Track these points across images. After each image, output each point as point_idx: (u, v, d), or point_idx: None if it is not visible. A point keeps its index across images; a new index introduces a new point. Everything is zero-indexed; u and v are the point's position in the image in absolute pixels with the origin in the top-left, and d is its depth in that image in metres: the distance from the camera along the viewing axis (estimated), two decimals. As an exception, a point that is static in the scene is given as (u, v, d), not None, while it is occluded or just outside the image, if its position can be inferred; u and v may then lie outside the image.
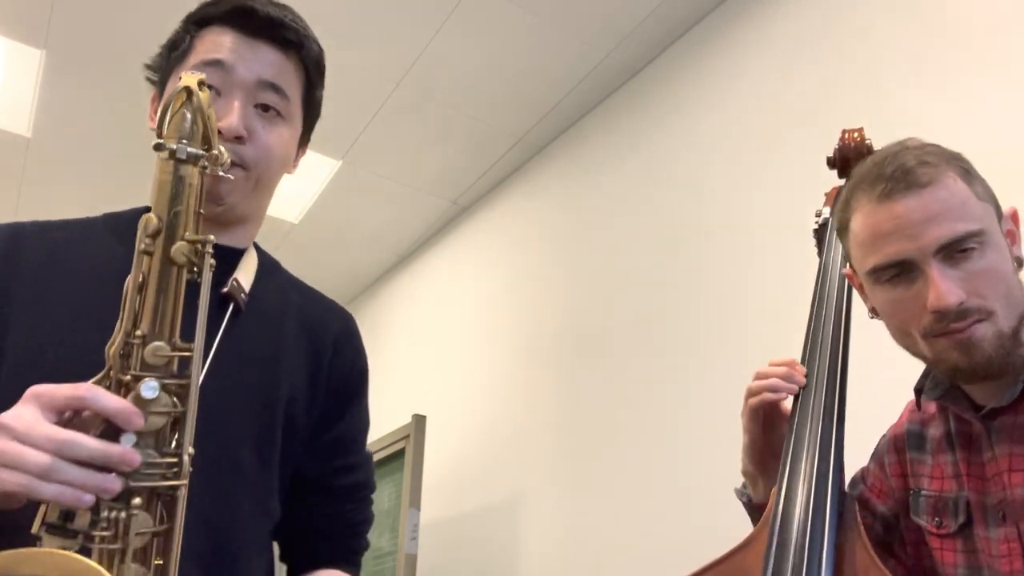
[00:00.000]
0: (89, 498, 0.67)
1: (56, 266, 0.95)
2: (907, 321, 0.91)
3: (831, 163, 1.19)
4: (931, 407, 1.02)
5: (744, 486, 1.10)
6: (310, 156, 3.21)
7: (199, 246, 0.75)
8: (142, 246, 0.74)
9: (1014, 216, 0.96)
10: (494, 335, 3.03)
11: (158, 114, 0.78)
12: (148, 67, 1.06)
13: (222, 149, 0.82)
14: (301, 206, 3.43)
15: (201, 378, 0.78)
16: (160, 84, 1.04)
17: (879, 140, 1.28)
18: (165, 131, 0.76)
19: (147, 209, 0.76)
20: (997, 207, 0.94)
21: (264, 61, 0.99)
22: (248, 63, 0.98)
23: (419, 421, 2.80)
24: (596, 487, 2.35)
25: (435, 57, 2.65)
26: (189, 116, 0.76)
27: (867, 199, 0.92)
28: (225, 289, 0.96)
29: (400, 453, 2.83)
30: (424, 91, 2.80)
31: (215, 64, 0.96)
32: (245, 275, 1.00)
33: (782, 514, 0.96)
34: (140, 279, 0.74)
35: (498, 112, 2.89)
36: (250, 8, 1.00)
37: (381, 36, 2.58)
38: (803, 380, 1.04)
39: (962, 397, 0.95)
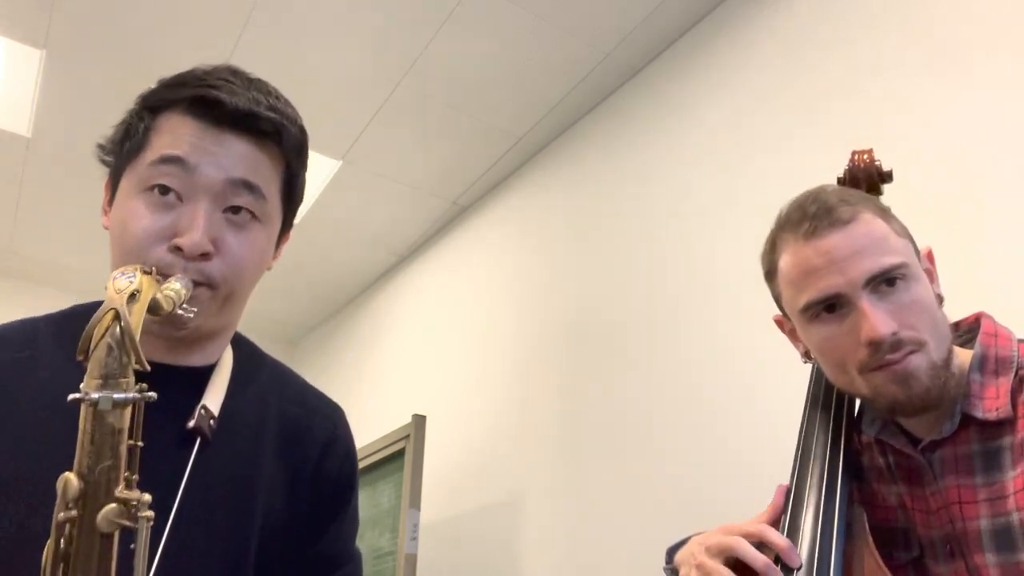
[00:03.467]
0: None
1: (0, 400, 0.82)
2: (843, 357, 0.91)
3: (841, 183, 1.19)
4: (865, 438, 1.02)
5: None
6: (310, 156, 3.22)
7: (133, 507, 0.61)
8: (61, 515, 0.60)
9: (929, 255, 0.99)
10: (494, 335, 3.03)
11: (80, 339, 0.64)
12: (100, 147, 0.91)
13: (176, 288, 0.73)
14: (301, 206, 3.43)
15: (163, 539, 0.74)
16: (114, 174, 0.90)
17: (882, 142, 1.28)
18: (88, 365, 0.63)
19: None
20: (915, 245, 0.96)
21: (234, 156, 0.84)
22: (215, 160, 0.83)
23: (419, 421, 2.80)
24: (596, 487, 2.34)
25: (435, 57, 2.64)
26: (115, 348, 0.62)
27: (793, 238, 0.94)
28: (191, 423, 0.85)
29: (400, 453, 2.83)
30: (424, 91, 2.80)
31: (174, 161, 0.83)
32: (214, 397, 0.89)
33: (790, 524, 0.96)
34: (61, 551, 0.61)
35: (498, 112, 2.89)
36: (215, 99, 0.84)
37: (382, 36, 2.58)
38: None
39: (899, 432, 0.96)
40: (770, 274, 1.00)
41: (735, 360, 2.02)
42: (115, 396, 0.62)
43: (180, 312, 0.74)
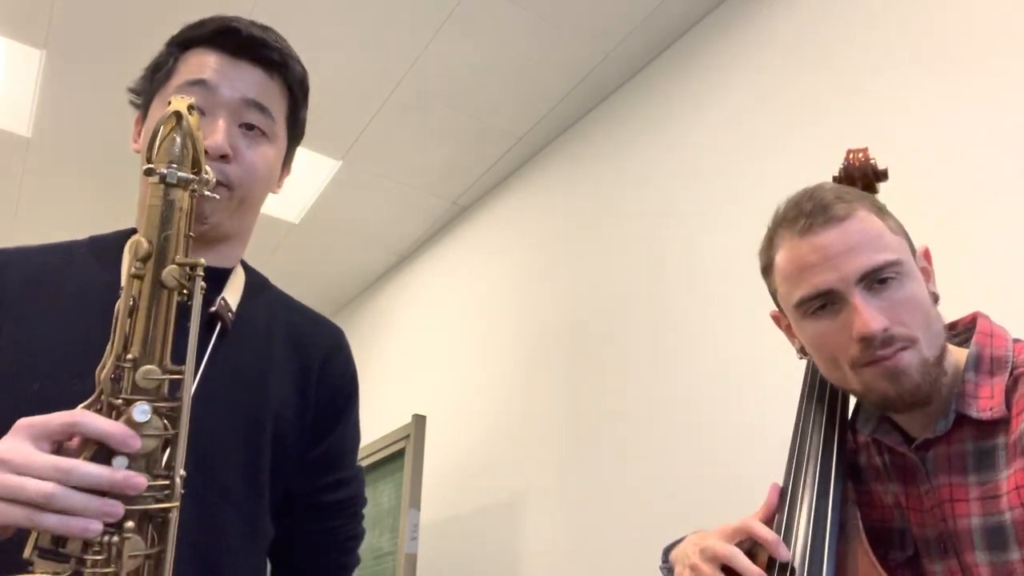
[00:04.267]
0: (97, 526, 0.65)
1: (38, 293, 0.94)
2: (835, 353, 0.92)
3: (836, 182, 1.19)
4: (861, 437, 1.03)
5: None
6: (310, 156, 3.22)
7: (189, 269, 0.75)
8: (132, 269, 0.73)
9: (926, 254, 0.99)
10: (494, 335, 3.03)
11: (147, 137, 0.77)
12: (131, 90, 1.06)
13: (209, 170, 0.82)
14: (301, 206, 3.43)
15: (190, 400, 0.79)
16: (143, 106, 1.04)
17: (880, 143, 1.28)
18: (155, 155, 0.75)
19: (131, 232, 0.77)
20: (911, 244, 0.96)
21: (248, 80, 1.00)
22: (232, 82, 0.98)
23: (419, 421, 2.80)
24: (596, 487, 2.34)
25: (435, 57, 2.64)
26: (179, 140, 0.76)
27: (789, 235, 0.95)
28: (212, 309, 0.95)
29: (400, 453, 2.83)
30: (424, 91, 2.80)
31: (199, 84, 0.97)
32: (232, 295, 1.00)
33: (785, 523, 0.96)
34: (131, 303, 0.73)
35: (498, 112, 2.89)
36: (233, 28, 1.00)
37: (381, 36, 2.58)
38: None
39: (894, 430, 0.96)
40: (767, 270, 1.01)
41: (735, 360, 2.02)
42: (179, 173, 0.75)
43: (207, 193, 0.82)
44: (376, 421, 3.40)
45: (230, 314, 0.97)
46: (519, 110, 2.87)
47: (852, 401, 1.05)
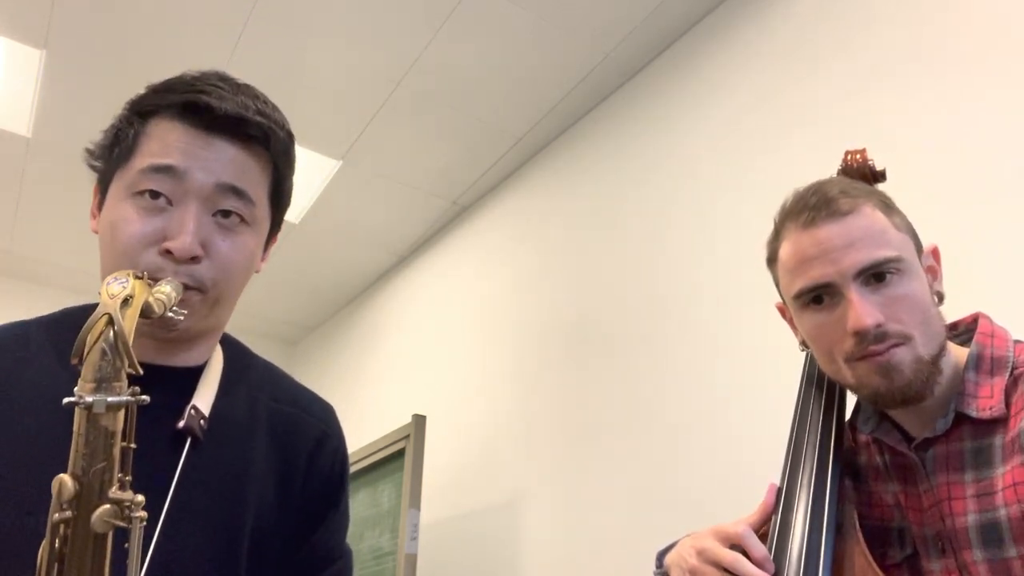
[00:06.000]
0: None
1: None
2: (831, 346, 0.93)
3: None
4: (863, 437, 1.03)
5: None
6: (310, 156, 3.22)
7: (126, 507, 0.63)
8: (56, 516, 0.62)
9: (934, 252, 1.00)
10: (494, 335, 3.03)
11: (75, 344, 0.65)
12: (89, 152, 0.92)
13: (167, 291, 0.74)
14: (301, 206, 3.43)
15: (155, 538, 0.75)
16: (102, 180, 0.90)
17: (880, 143, 1.28)
18: (82, 368, 0.64)
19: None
20: (917, 241, 0.97)
21: (223, 160, 0.86)
22: (204, 164, 0.85)
23: (419, 421, 2.80)
24: (596, 487, 2.35)
25: (435, 57, 2.65)
26: (108, 353, 0.64)
27: (793, 227, 0.96)
28: (181, 423, 0.86)
29: (400, 453, 2.83)
30: (424, 91, 2.80)
31: (165, 171, 0.84)
32: (205, 397, 0.90)
33: (781, 521, 0.96)
34: (56, 551, 0.62)
35: (498, 112, 2.89)
36: (204, 104, 0.85)
37: (381, 36, 2.58)
38: None
39: (894, 429, 0.97)
40: (771, 261, 1.02)
41: (734, 360, 2.02)
42: (109, 399, 0.63)
43: (171, 315, 0.75)
44: (376, 421, 3.40)
45: (202, 422, 0.88)
46: (519, 110, 2.87)
47: (850, 401, 1.05)
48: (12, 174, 3.25)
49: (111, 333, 0.64)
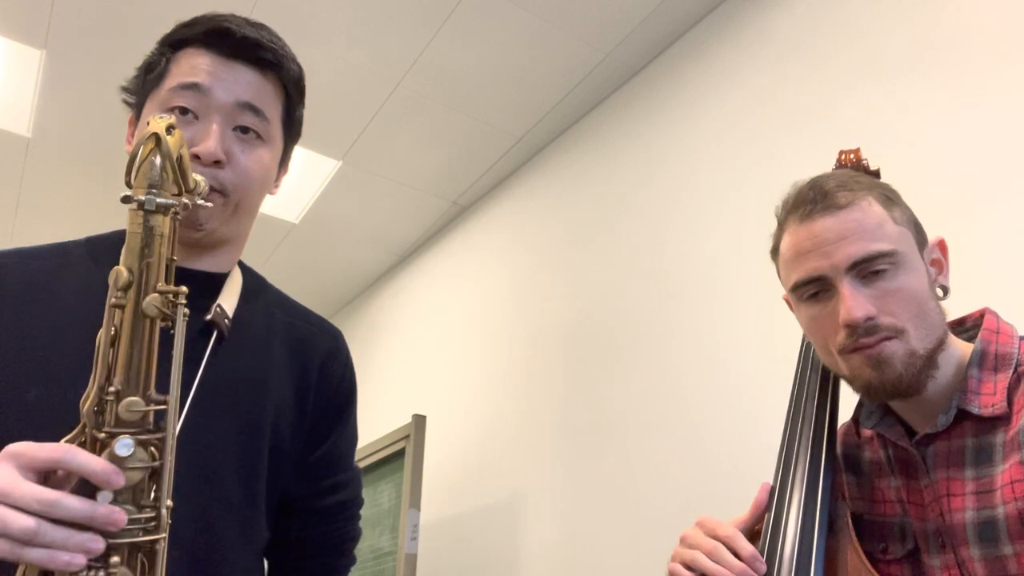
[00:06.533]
0: (81, 560, 0.65)
1: (36, 297, 0.93)
2: (825, 338, 0.95)
3: None
4: (867, 432, 1.04)
5: None
6: (310, 156, 3.22)
7: (171, 297, 0.73)
8: (112, 300, 0.71)
9: (941, 245, 0.99)
10: (494, 335, 3.03)
11: (127, 161, 0.75)
12: (124, 89, 1.05)
13: (198, 180, 0.82)
14: (301, 206, 3.43)
15: (181, 421, 0.79)
16: (137, 107, 1.02)
17: (876, 143, 1.28)
18: (133, 179, 0.74)
19: (118, 233, 0.75)
20: (920, 235, 0.97)
21: (242, 82, 0.98)
22: (226, 85, 0.96)
23: (419, 421, 2.80)
24: (596, 487, 2.35)
25: (435, 57, 2.65)
26: (158, 163, 0.74)
27: (792, 220, 0.97)
28: (208, 317, 0.94)
29: (400, 453, 2.83)
30: (424, 91, 2.80)
31: (192, 87, 0.95)
32: (228, 300, 0.99)
33: (774, 519, 0.97)
34: (112, 332, 0.71)
35: (498, 112, 2.89)
36: (226, 29, 0.98)
37: (381, 36, 2.58)
38: None
39: (896, 424, 0.97)
40: (774, 253, 1.03)
41: (734, 361, 2.03)
42: (159, 200, 0.73)
43: (200, 201, 0.82)
44: (376, 421, 3.40)
45: (227, 320, 0.96)
46: (519, 111, 2.87)
47: (844, 400, 1.05)
48: (12, 174, 3.25)
49: (163, 145, 0.74)
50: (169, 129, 0.76)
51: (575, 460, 2.46)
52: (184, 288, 0.74)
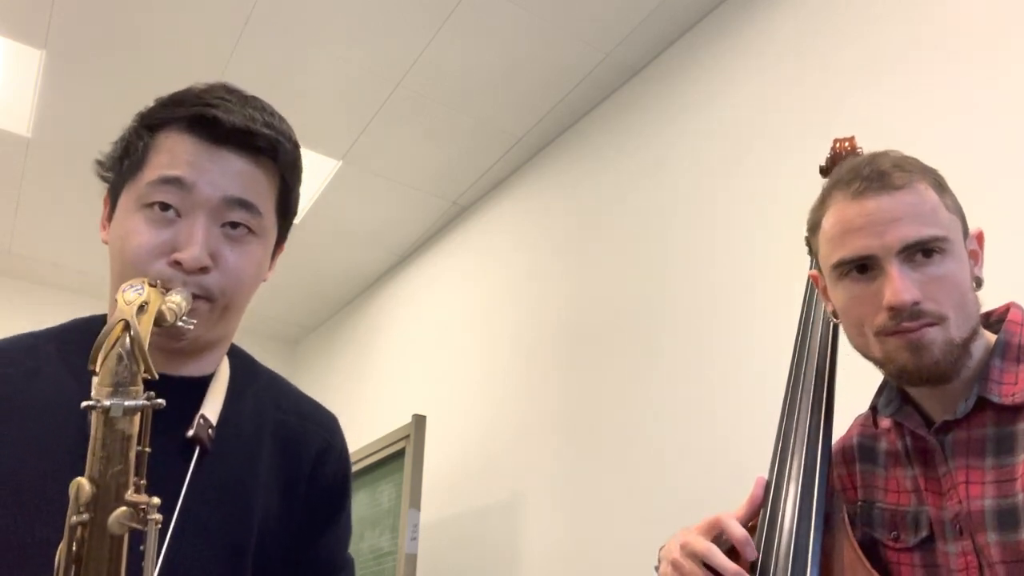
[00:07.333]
0: None
1: (2, 412, 0.84)
2: (862, 318, 0.93)
3: (823, 172, 1.20)
4: (885, 422, 1.03)
5: None
6: (310, 156, 3.22)
7: (142, 510, 0.64)
8: (73, 519, 0.63)
9: (979, 237, 0.99)
10: (494, 335, 3.03)
11: (92, 349, 0.66)
12: (99, 163, 0.94)
13: (178, 301, 0.75)
14: (301, 206, 3.42)
15: (164, 546, 0.77)
16: (112, 191, 0.92)
17: (874, 144, 1.28)
18: (98, 367, 0.66)
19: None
20: (964, 224, 0.97)
21: (230, 173, 0.87)
22: (211, 178, 0.86)
23: (419, 421, 2.80)
24: (596, 487, 2.35)
25: (435, 57, 2.65)
26: (126, 358, 0.65)
27: (842, 196, 0.95)
28: (191, 432, 0.87)
29: (400, 453, 2.83)
30: (424, 91, 2.80)
31: (173, 182, 0.85)
32: (213, 405, 0.91)
33: (770, 515, 0.97)
34: (73, 553, 0.63)
35: (498, 112, 2.89)
36: (212, 117, 0.86)
37: (381, 36, 2.58)
38: None
39: (915, 412, 0.97)
40: (813, 229, 1.01)
41: (734, 360, 2.03)
42: (126, 403, 0.65)
43: (181, 324, 0.76)
44: (376, 421, 3.40)
45: (210, 431, 0.89)
46: (519, 110, 2.87)
47: (841, 398, 1.06)
48: (12, 174, 3.25)
49: (127, 339, 0.66)
50: (142, 307, 0.69)
51: (575, 460, 2.46)
52: (156, 500, 0.65)
